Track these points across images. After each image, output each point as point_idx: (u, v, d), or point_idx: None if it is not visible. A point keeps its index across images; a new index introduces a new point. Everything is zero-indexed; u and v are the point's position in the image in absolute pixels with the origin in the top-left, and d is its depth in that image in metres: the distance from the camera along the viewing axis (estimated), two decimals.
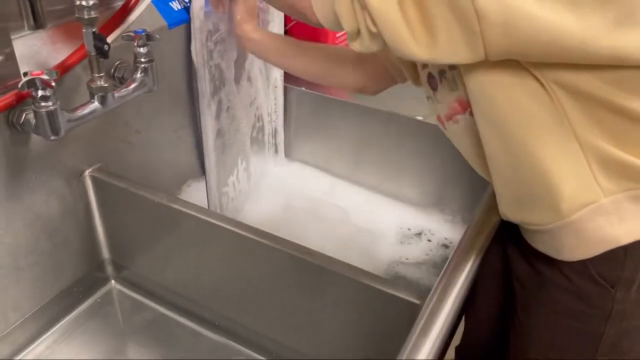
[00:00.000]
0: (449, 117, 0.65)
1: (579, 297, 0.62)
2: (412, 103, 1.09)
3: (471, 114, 0.62)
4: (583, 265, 0.60)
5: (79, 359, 0.88)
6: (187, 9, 0.97)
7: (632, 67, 0.51)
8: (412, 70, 0.77)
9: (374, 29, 0.52)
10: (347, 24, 0.54)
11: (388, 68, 0.81)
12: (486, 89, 0.56)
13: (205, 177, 1.01)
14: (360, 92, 0.88)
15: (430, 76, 0.66)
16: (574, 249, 0.60)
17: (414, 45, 0.50)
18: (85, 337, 0.92)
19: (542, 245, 0.63)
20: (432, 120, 1.05)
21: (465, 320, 0.80)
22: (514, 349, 0.70)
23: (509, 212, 0.65)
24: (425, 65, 0.68)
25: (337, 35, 1.26)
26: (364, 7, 0.51)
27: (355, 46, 0.56)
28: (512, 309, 0.71)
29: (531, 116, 0.55)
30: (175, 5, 0.97)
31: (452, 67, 0.61)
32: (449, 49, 0.49)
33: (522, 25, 0.47)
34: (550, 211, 0.59)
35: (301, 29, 1.18)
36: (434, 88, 0.66)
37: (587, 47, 0.48)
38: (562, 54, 0.49)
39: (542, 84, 0.53)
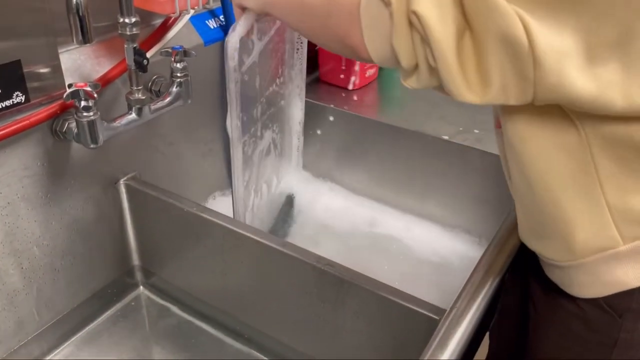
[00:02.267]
0: (496, 127, 0.66)
1: (586, 324, 0.61)
2: (439, 122, 1.11)
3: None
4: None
5: None
6: (222, 27, 1.02)
7: None
8: None
9: (434, 64, 0.49)
10: (405, 60, 0.52)
11: None
12: (519, 129, 0.55)
13: (233, 203, 1.02)
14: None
15: None
16: (584, 287, 0.60)
17: (466, 91, 0.49)
18: (112, 340, 0.94)
19: (553, 276, 0.64)
20: (458, 140, 1.07)
21: (490, 336, 0.81)
22: None
23: (528, 240, 0.66)
24: None
25: None
26: (425, 41, 0.49)
27: (411, 83, 0.54)
28: (527, 330, 0.71)
29: (558, 163, 0.55)
30: (212, 24, 1.01)
31: None
32: (499, 95, 0.49)
33: (566, 90, 0.47)
34: (564, 250, 0.59)
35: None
36: None
37: (631, 107, 0.48)
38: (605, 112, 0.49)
39: (577, 129, 0.53)
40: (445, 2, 0.47)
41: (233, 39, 0.79)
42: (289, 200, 1.21)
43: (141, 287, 1.03)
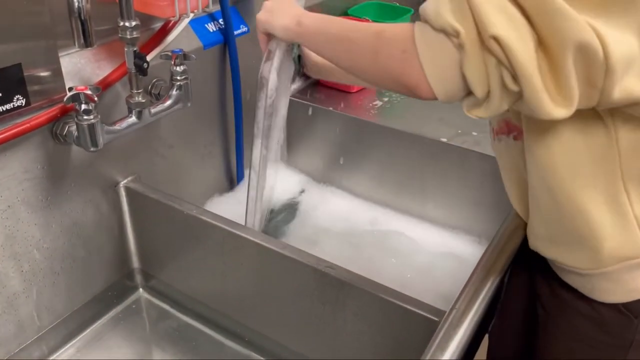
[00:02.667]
0: (497, 133, 0.67)
1: (601, 326, 0.62)
2: (438, 125, 1.12)
3: (515, 138, 0.62)
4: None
5: None
6: (221, 31, 1.02)
7: None
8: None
9: (514, 87, 0.48)
10: (479, 86, 0.49)
11: None
12: (545, 136, 0.55)
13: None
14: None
15: None
16: (606, 293, 0.60)
17: (554, 108, 0.48)
18: (112, 343, 0.94)
19: (571, 282, 0.64)
20: (457, 142, 1.08)
21: (490, 338, 0.81)
22: None
23: (542, 247, 0.65)
24: None
25: None
26: (502, 64, 0.47)
27: (479, 113, 0.52)
28: (535, 332, 0.71)
29: (583, 167, 0.55)
30: (211, 27, 1.01)
31: None
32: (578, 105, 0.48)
33: (629, 94, 0.48)
34: (588, 259, 0.59)
35: None
36: None
37: None
38: None
39: (608, 133, 0.53)
40: (520, 22, 0.46)
41: (272, 77, 0.74)
42: (290, 203, 1.21)
43: (141, 290, 1.03)
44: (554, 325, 0.67)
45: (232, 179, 1.19)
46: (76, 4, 0.54)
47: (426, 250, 1.09)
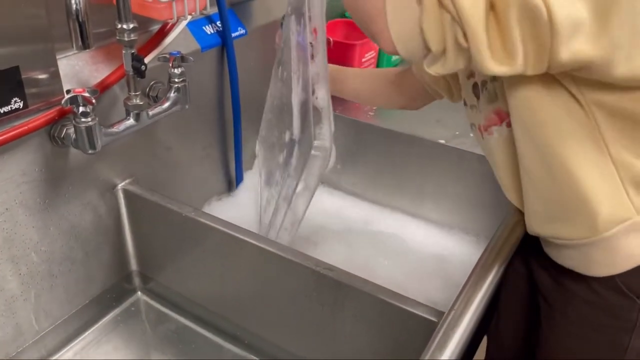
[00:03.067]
0: (486, 128, 0.68)
1: (604, 310, 0.63)
2: (435, 127, 1.12)
3: (508, 125, 0.64)
4: (610, 278, 0.61)
5: None
6: (219, 33, 1.02)
7: None
8: (447, 88, 0.82)
9: (464, 43, 0.51)
10: (435, 43, 0.52)
11: (425, 88, 0.84)
12: (529, 103, 0.58)
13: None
14: (403, 109, 0.94)
15: (475, 86, 0.69)
16: (604, 265, 0.61)
17: (495, 64, 0.51)
18: (111, 346, 0.94)
19: (568, 260, 0.64)
20: (454, 143, 1.08)
21: (488, 338, 0.81)
22: None
23: (539, 226, 0.67)
24: (470, 76, 0.71)
25: (363, 60, 1.30)
26: (456, 21, 0.50)
27: (437, 69, 0.55)
28: (537, 324, 0.72)
29: (569, 132, 0.57)
30: (209, 30, 1.02)
31: (494, 78, 0.64)
32: (522, 66, 0.51)
33: (578, 57, 0.50)
34: (585, 227, 0.60)
35: (333, 55, 1.22)
36: (478, 97, 0.69)
37: (631, 72, 0.51)
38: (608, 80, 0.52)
39: (579, 102, 0.56)
40: None
41: None
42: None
43: (139, 293, 1.03)
44: (557, 316, 0.67)
45: (231, 182, 1.19)
46: (74, 6, 0.54)
47: (424, 251, 1.09)
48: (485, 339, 0.82)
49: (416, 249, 1.09)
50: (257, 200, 1.18)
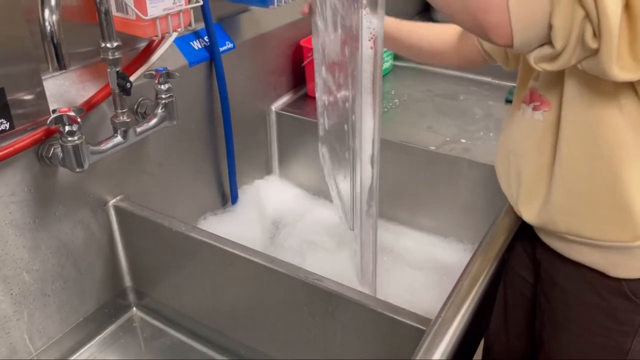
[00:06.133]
0: (535, 107, 0.66)
1: (608, 313, 0.63)
2: (426, 133, 1.12)
3: (534, 109, 0.62)
4: (617, 282, 0.61)
5: None
6: (207, 48, 1.03)
7: None
8: (504, 56, 0.79)
9: (592, 44, 0.48)
10: (561, 39, 0.50)
11: (481, 52, 0.83)
12: (588, 97, 0.56)
13: None
14: (459, 67, 0.97)
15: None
16: (623, 267, 0.61)
17: (619, 70, 0.49)
18: None
19: (587, 258, 0.63)
20: (445, 150, 1.08)
21: (485, 342, 0.81)
22: None
23: (560, 220, 0.64)
24: None
25: None
26: (589, 18, 0.48)
27: (546, 65, 0.53)
28: (539, 326, 0.71)
29: (623, 134, 0.56)
30: (196, 45, 1.02)
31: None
32: None
33: None
34: (621, 231, 0.60)
35: None
36: (538, 77, 0.66)
37: None
38: None
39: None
40: None
41: None
42: (281, 215, 1.21)
43: (134, 309, 1.03)
44: (560, 318, 0.67)
45: (225, 197, 1.20)
46: (48, 28, 0.55)
47: (417, 258, 1.08)
48: (485, 340, 0.82)
49: (410, 258, 1.09)
50: (254, 215, 1.18)
